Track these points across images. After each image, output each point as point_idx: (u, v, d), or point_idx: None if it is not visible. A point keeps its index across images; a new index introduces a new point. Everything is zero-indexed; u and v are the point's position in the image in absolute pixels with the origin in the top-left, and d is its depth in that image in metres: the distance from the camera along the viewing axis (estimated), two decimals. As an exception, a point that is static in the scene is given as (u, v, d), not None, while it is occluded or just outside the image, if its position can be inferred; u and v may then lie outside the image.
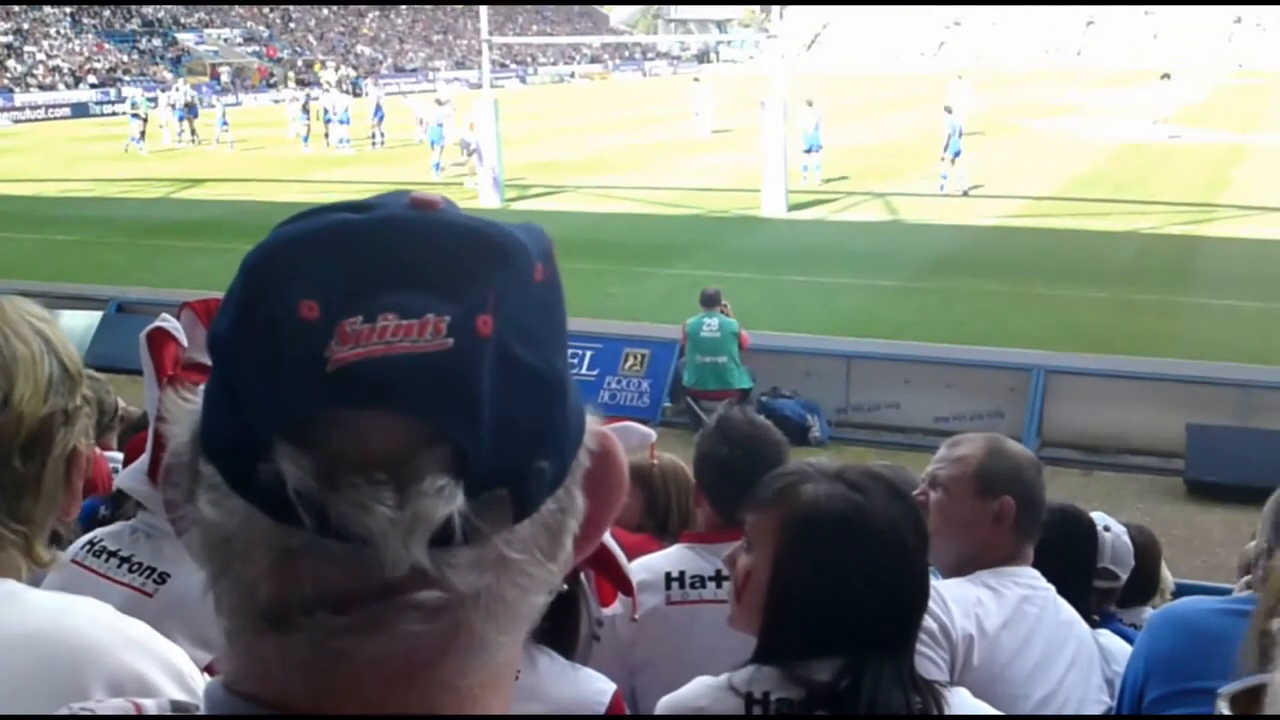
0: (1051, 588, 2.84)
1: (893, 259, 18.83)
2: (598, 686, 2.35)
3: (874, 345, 13.16)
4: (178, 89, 39.56)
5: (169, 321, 2.41)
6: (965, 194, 24.72)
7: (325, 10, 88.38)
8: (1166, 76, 36.25)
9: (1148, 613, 3.91)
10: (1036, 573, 2.83)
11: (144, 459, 2.48)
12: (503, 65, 77.82)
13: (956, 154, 25.27)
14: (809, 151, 26.78)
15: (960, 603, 2.59)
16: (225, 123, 38.94)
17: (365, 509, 0.64)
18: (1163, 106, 35.84)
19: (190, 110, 40.67)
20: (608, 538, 2.12)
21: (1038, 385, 11.74)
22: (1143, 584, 4.27)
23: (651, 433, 3.11)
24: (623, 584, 2.29)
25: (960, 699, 2.01)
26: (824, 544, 1.99)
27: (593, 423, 0.78)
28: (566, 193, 26.69)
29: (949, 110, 26.16)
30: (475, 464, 0.66)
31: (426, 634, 0.68)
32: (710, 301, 12.26)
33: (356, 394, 0.65)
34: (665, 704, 2.08)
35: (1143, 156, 30.66)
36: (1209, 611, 2.36)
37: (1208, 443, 10.64)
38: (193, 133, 40.60)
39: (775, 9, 28.31)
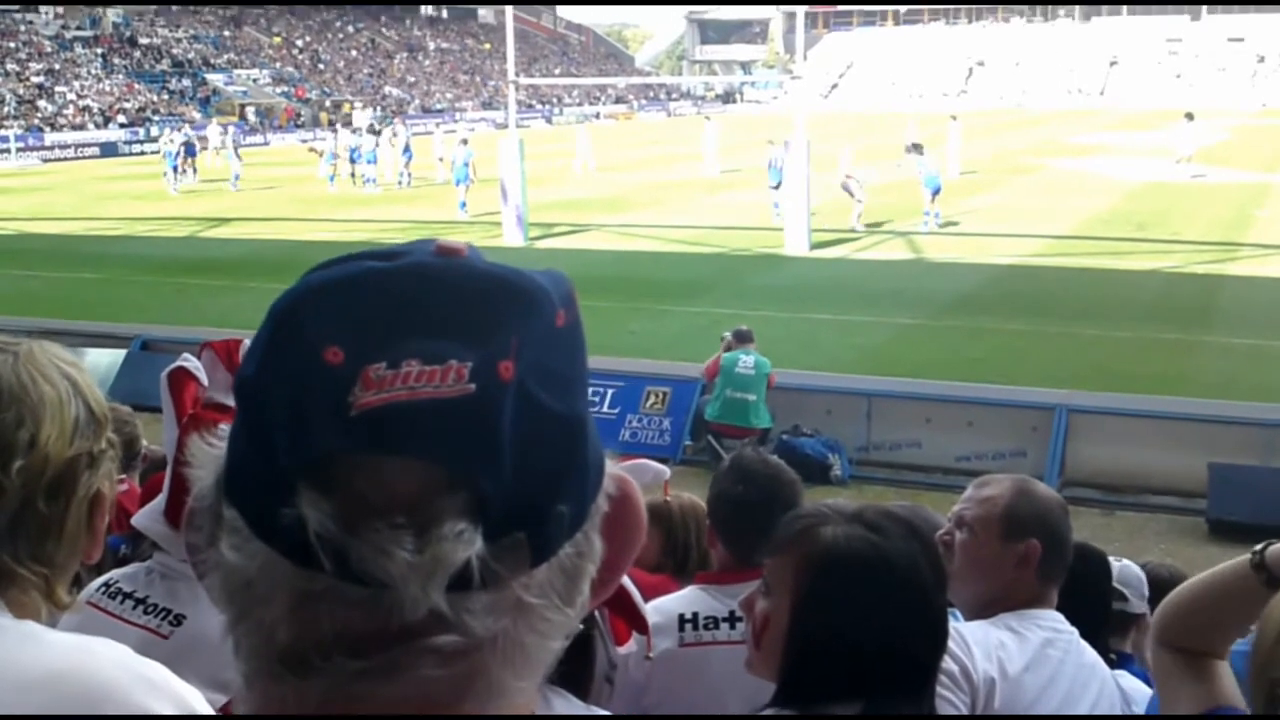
0: (1075, 631, 2.82)
1: (915, 297, 18.82)
2: None
3: (895, 384, 13.11)
4: (172, 139, 39.76)
5: (190, 361, 2.43)
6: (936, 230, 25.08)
7: (354, 51, 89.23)
8: (1190, 116, 36.19)
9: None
10: (1060, 616, 2.81)
11: (161, 499, 2.48)
12: (529, 105, 78.32)
13: (936, 191, 25.49)
14: (777, 188, 27.07)
15: (982, 645, 2.57)
16: (237, 157, 39.20)
17: (385, 553, 0.65)
18: (1185, 146, 35.75)
19: (189, 150, 40.91)
20: (625, 582, 2.12)
21: (1060, 424, 11.67)
22: None
23: (665, 470, 3.11)
24: (638, 622, 2.29)
25: None
26: (844, 587, 1.98)
27: (611, 466, 0.78)
28: (590, 231, 26.78)
29: (918, 150, 26.20)
30: (494, 509, 0.66)
31: (443, 678, 0.68)
32: (746, 339, 12.38)
33: (379, 439, 0.66)
34: None
35: (1165, 196, 30.57)
36: (1233, 654, 2.35)
37: (1230, 482, 10.54)
38: (193, 171, 40.93)
39: (799, 51, 28.49)
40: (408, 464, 0.66)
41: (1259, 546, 1.93)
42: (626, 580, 2.16)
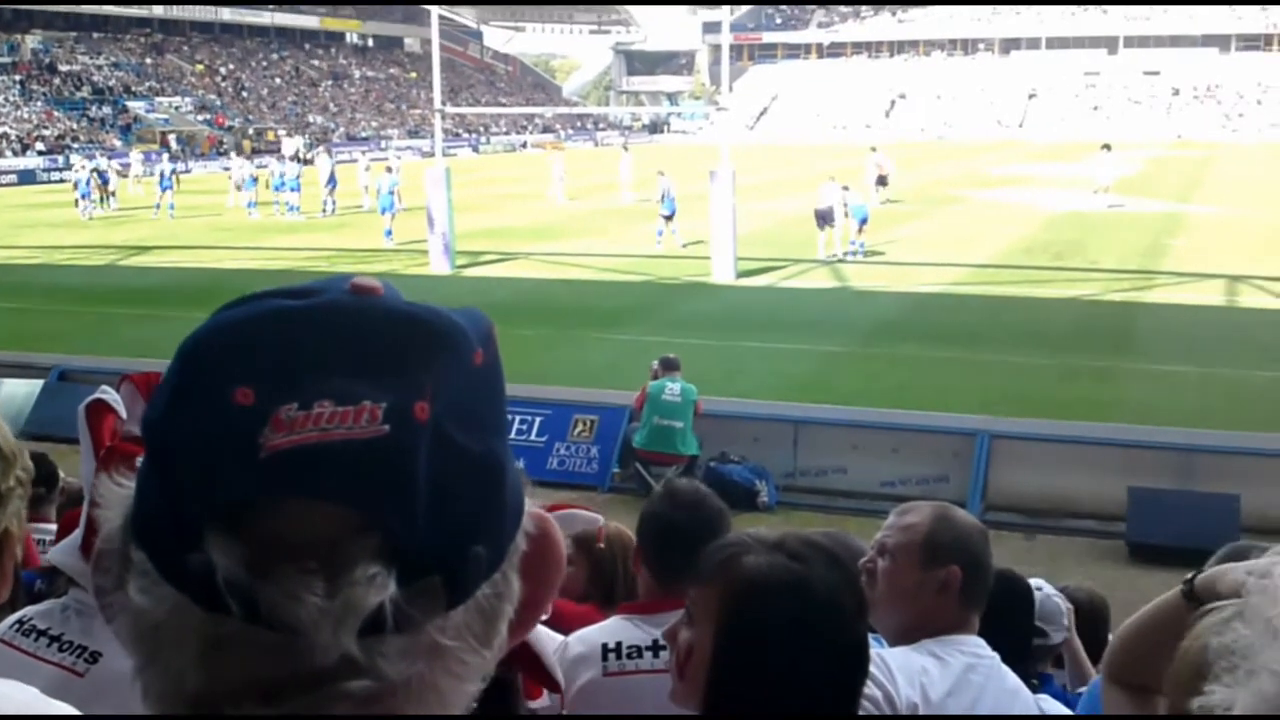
0: (996, 655, 2.84)
1: (840, 325, 19.02)
2: None
3: (822, 411, 13.22)
4: (83, 165, 39.23)
5: (109, 394, 2.38)
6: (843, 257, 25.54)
7: (278, 79, 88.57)
8: (1107, 147, 36.99)
9: (1095, 678, 3.94)
10: (982, 641, 2.84)
11: (77, 534, 2.43)
12: (456, 134, 78.17)
13: (863, 221, 25.96)
14: (668, 218, 27.55)
15: (905, 671, 2.59)
16: (169, 186, 38.41)
17: (296, 598, 0.63)
18: (1103, 176, 36.52)
19: (102, 177, 40.41)
20: (534, 634, 2.12)
21: (982, 450, 11.84)
22: (1092, 646, 4.28)
23: (598, 517, 3.11)
24: (549, 683, 2.29)
25: None
26: (766, 616, 1.99)
27: (531, 505, 0.77)
28: (517, 259, 26.76)
29: (841, 187, 26.65)
30: (408, 552, 0.65)
31: None
32: (673, 366, 12.46)
33: (289, 482, 0.64)
34: None
35: (1084, 225, 31.19)
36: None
37: (1149, 505, 10.74)
38: (105, 199, 40.41)
39: (725, 82, 28.76)
40: (319, 507, 0.65)
41: (1189, 576, 1.96)
42: (539, 641, 2.16)
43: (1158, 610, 2.13)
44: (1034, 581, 4.01)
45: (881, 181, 34.47)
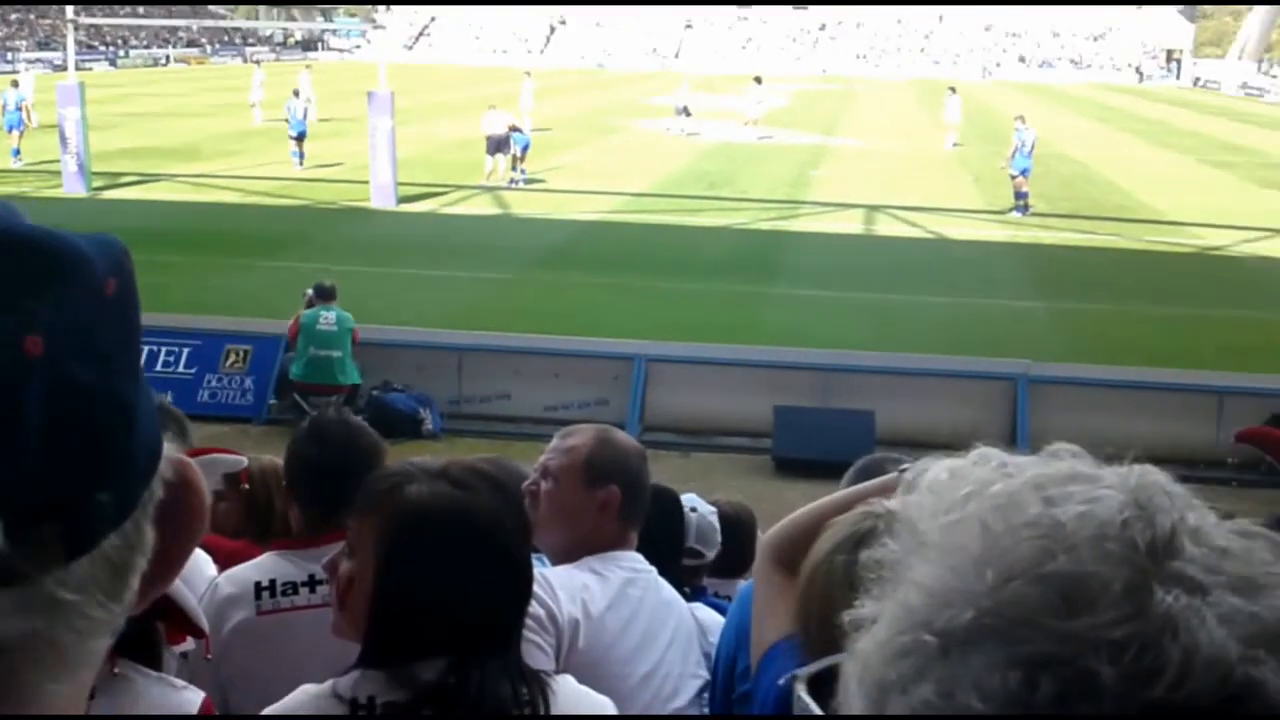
0: (654, 570, 2.95)
1: (501, 252, 19.07)
2: (185, 696, 2.27)
3: (484, 338, 13.26)
4: None
5: None
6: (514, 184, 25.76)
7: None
8: (758, 80, 38.42)
9: (741, 585, 4.14)
10: (640, 556, 2.94)
11: None
12: (90, 47, 72.74)
13: (525, 148, 26.05)
14: (297, 139, 27.20)
15: (567, 589, 2.66)
16: None
17: None
18: (753, 109, 37.96)
19: None
20: (175, 586, 2.05)
21: (639, 374, 12.22)
22: (740, 557, 4.43)
23: (243, 459, 3.03)
24: (191, 629, 2.24)
25: (566, 687, 2.07)
26: (429, 545, 1.99)
27: (170, 450, 0.71)
28: (160, 182, 25.33)
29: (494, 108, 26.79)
30: (17, 499, 0.59)
31: None
32: (327, 295, 12.15)
33: None
34: (270, 715, 2.03)
35: (735, 156, 32.41)
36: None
37: (792, 423, 11.40)
38: None
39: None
40: None
41: (904, 466, 2.06)
42: (180, 591, 2.09)
43: (846, 498, 2.20)
44: (687, 499, 4.18)
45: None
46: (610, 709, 2.15)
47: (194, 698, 2.26)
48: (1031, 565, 0.59)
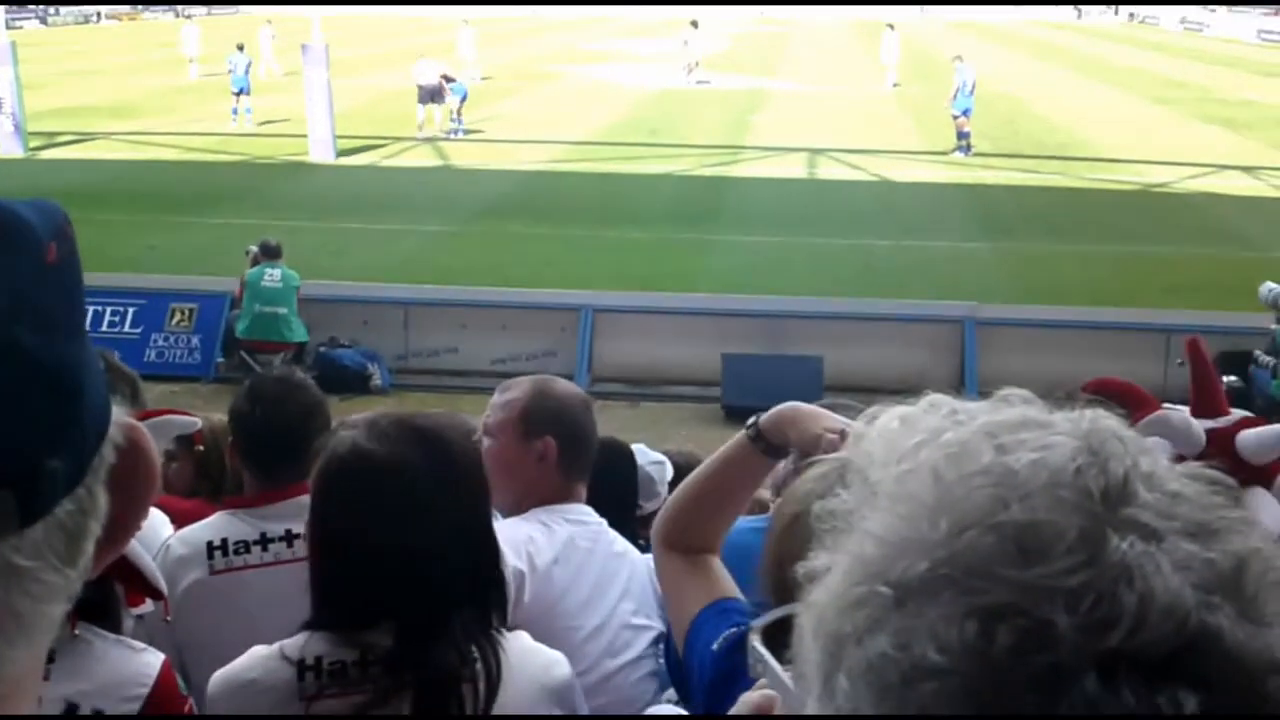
0: (603, 521, 2.95)
1: (444, 204, 18.94)
2: (145, 659, 2.27)
3: (430, 291, 13.19)
4: None
5: None
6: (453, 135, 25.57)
7: None
8: (695, 24, 38.12)
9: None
10: (587, 508, 2.93)
11: None
12: (19, 4, 70.93)
13: (463, 98, 25.82)
14: (240, 94, 26.76)
15: (511, 542, 2.63)
16: None
17: None
18: (692, 53, 37.69)
19: None
20: (132, 548, 2.05)
21: (586, 324, 12.22)
22: None
23: (196, 420, 3.01)
24: (150, 590, 2.23)
25: (518, 643, 2.07)
26: (349, 495, 2.01)
27: (120, 414, 0.71)
28: (97, 140, 24.89)
29: (425, 58, 26.54)
30: None
31: None
32: (272, 252, 12.11)
33: None
34: (218, 679, 2.03)
35: (675, 102, 32.21)
36: (744, 530, 2.42)
37: (741, 370, 11.43)
38: None
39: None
40: None
41: (750, 421, 2.06)
42: (136, 552, 2.09)
43: (720, 463, 2.17)
44: (635, 448, 4.18)
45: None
46: (564, 665, 2.15)
47: (154, 660, 2.27)
48: (985, 514, 0.59)
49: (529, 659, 2.06)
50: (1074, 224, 17.97)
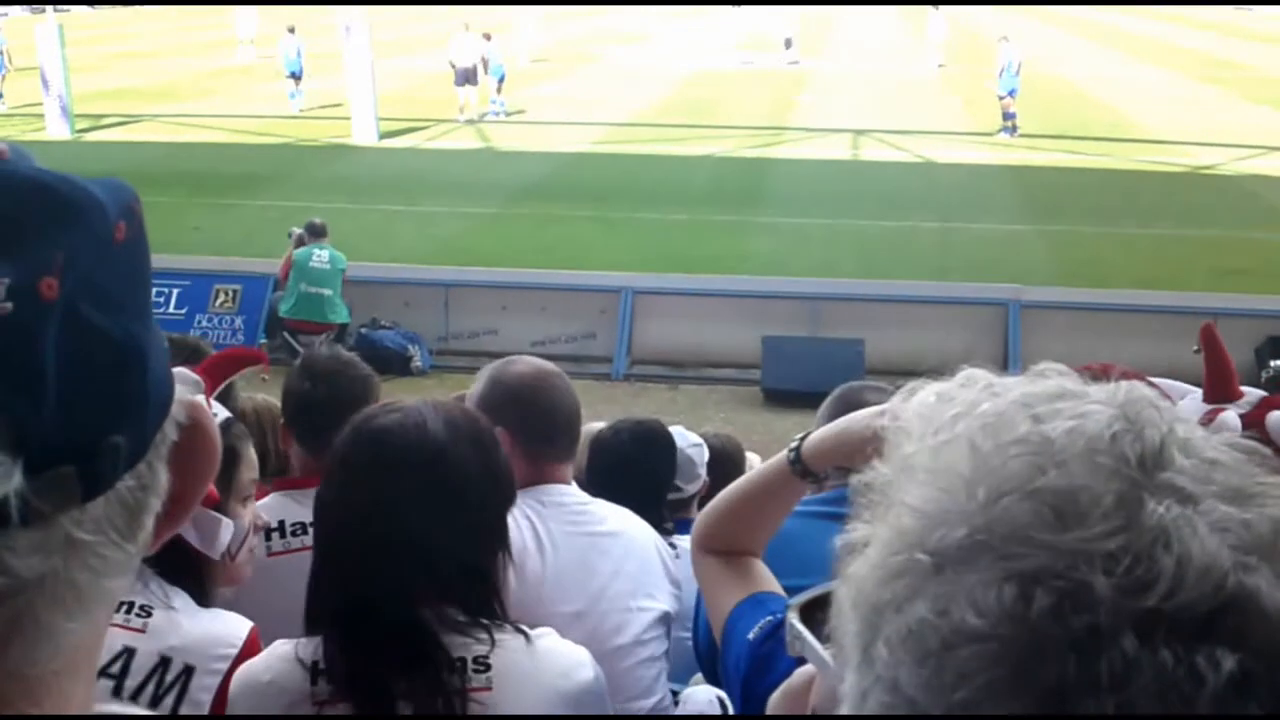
0: (589, 499, 2.87)
1: (486, 186, 18.97)
2: (236, 622, 2.29)
3: (471, 273, 13.23)
4: None
5: None
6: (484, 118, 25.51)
7: None
8: (736, 2, 37.95)
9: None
10: (567, 488, 2.85)
11: None
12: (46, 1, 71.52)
13: (501, 79, 25.94)
14: (293, 77, 26.83)
15: None
16: None
17: None
18: (735, 33, 37.52)
19: None
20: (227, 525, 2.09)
21: (626, 306, 12.21)
22: (725, 486, 4.42)
23: (226, 411, 3.02)
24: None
25: (541, 644, 2.03)
26: (351, 477, 2.05)
27: (183, 393, 0.72)
28: (143, 122, 25.13)
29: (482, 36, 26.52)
30: (36, 440, 0.60)
31: None
32: (319, 232, 12.21)
33: None
34: (240, 675, 2.04)
35: (717, 83, 32.08)
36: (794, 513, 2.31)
37: (781, 353, 11.41)
38: None
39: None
40: None
41: (794, 443, 2.02)
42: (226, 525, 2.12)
43: (761, 480, 2.14)
44: (673, 430, 4.16)
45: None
46: (587, 668, 2.08)
47: (243, 625, 2.29)
48: (1022, 482, 0.60)
49: (548, 661, 2.01)
50: (1120, 206, 17.75)
